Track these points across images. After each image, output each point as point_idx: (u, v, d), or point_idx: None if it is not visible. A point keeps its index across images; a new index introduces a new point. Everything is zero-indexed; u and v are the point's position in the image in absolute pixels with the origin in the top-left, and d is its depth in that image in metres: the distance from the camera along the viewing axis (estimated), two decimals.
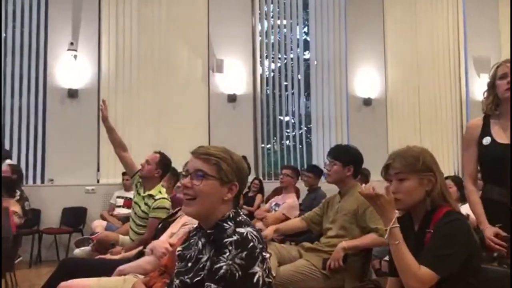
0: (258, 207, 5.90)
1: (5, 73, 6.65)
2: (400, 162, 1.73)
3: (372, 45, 7.90)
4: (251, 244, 1.37)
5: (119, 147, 3.79)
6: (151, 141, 6.59)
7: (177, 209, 3.12)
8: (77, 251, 4.13)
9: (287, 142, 7.91)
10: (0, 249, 2.02)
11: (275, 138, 7.81)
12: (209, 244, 1.46)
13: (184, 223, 2.44)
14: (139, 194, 3.76)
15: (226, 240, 1.38)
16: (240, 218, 1.49)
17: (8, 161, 5.77)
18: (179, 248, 1.60)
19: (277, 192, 5.82)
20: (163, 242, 2.40)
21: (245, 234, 1.40)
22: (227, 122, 7.12)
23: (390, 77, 8.00)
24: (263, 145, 7.60)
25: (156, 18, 7.11)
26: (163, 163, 3.71)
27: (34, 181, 6.62)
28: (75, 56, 6.63)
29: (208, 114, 7.16)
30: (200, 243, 1.51)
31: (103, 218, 5.94)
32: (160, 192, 3.67)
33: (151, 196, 3.64)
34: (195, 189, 1.47)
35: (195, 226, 1.81)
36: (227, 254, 1.35)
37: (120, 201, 6.32)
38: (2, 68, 6.59)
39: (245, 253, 1.35)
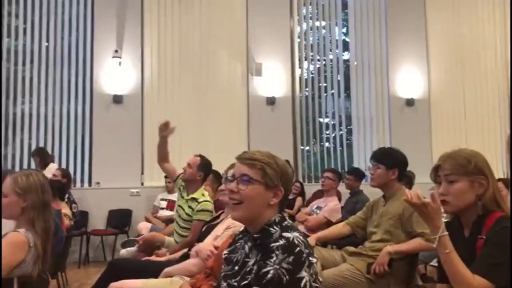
0: (299, 210, 5.88)
1: (55, 81, 6.95)
2: (451, 163, 1.68)
3: (414, 44, 7.73)
4: (298, 248, 1.38)
5: (164, 158, 3.91)
6: (192, 144, 6.72)
7: (220, 212, 3.16)
8: (123, 252, 4.25)
9: (327, 144, 7.85)
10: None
11: (314, 140, 7.77)
12: (256, 248, 1.48)
13: (228, 226, 2.48)
14: (182, 197, 3.84)
15: (273, 244, 1.40)
16: (286, 223, 1.50)
17: (52, 165, 6.03)
18: (225, 251, 1.62)
19: (317, 195, 5.78)
20: (207, 244, 2.44)
21: (291, 238, 1.40)
22: (266, 124, 7.14)
23: (433, 77, 7.80)
24: (302, 147, 7.58)
25: (197, 24, 7.24)
26: (204, 166, 3.78)
27: (82, 184, 6.87)
28: (120, 63, 6.84)
29: (247, 117, 7.22)
30: (246, 247, 1.53)
31: (147, 220, 6.10)
32: (203, 195, 3.74)
33: (194, 199, 3.71)
34: (241, 193, 1.49)
35: (240, 229, 1.84)
36: (274, 258, 1.36)
37: (164, 203, 6.46)
38: (47, 76, 6.91)
39: (292, 257, 1.35)
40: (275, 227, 1.47)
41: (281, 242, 1.39)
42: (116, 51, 6.82)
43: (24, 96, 6.95)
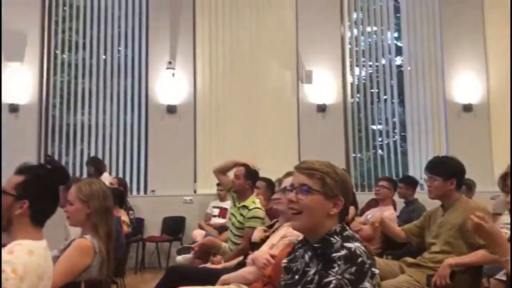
0: (352, 219, 5.77)
1: (112, 92, 7.26)
2: None
3: (471, 47, 7.41)
4: (360, 259, 1.36)
5: (223, 172, 4.08)
6: (243, 152, 6.76)
7: (274, 220, 3.17)
8: (179, 258, 4.38)
9: (380, 151, 7.67)
10: None
11: (366, 147, 7.61)
12: (316, 257, 1.47)
13: (284, 235, 2.48)
14: (235, 205, 3.96)
15: (334, 254, 1.39)
16: (346, 233, 1.49)
17: (106, 174, 6.25)
18: (284, 260, 1.63)
19: (371, 204, 5.65)
20: (264, 253, 2.45)
21: (353, 249, 1.39)
22: (317, 132, 7.09)
23: (492, 80, 7.44)
24: (354, 155, 7.45)
25: (247, 34, 7.34)
26: (250, 174, 3.91)
27: (138, 192, 7.09)
28: (173, 74, 7.04)
29: (297, 125, 7.20)
30: (306, 256, 1.52)
31: (200, 227, 6.20)
32: (253, 202, 3.85)
33: (245, 206, 3.82)
34: (301, 203, 1.49)
35: (296, 238, 1.83)
36: (336, 268, 1.35)
37: (216, 211, 6.54)
38: (104, 88, 7.24)
39: (354, 268, 1.34)
40: (335, 237, 1.46)
41: (343, 252, 1.38)
42: (170, 62, 7.03)
43: (84, 108, 7.29)
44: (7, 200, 1.65)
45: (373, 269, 1.37)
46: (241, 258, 3.04)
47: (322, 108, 7.18)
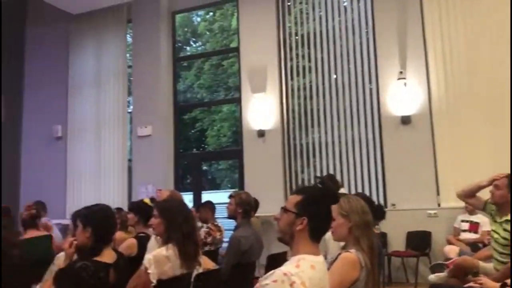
0: None
1: (345, 109, 7.47)
2: None
3: None
4: None
5: (470, 196, 3.89)
6: (492, 159, 6.10)
7: None
8: (432, 277, 4.17)
9: None
10: None
11: None
12: None
13: None
14: (495, 221, 3.66)
15: None
16: None
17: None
18: None
19: None
20: None
21: None
22: None
23: None
24: None
25: (486, 28, 6.55)
26: None
27: None
28: (405, 84, 6.84)
29: None
30: None
31: (449, 242, 5.81)
32: None
33: (509, 221, 3.45)
34: None
35: None
36: None
37: (465, 225, 6.03)
38: (338, 106, 7.51)
39: None
40: None
41: None
42: (401, 72, 6.87)
43: (320, 126, 7.70)
44: (289, 217, 1.85)
45: None
46: None
47: None
